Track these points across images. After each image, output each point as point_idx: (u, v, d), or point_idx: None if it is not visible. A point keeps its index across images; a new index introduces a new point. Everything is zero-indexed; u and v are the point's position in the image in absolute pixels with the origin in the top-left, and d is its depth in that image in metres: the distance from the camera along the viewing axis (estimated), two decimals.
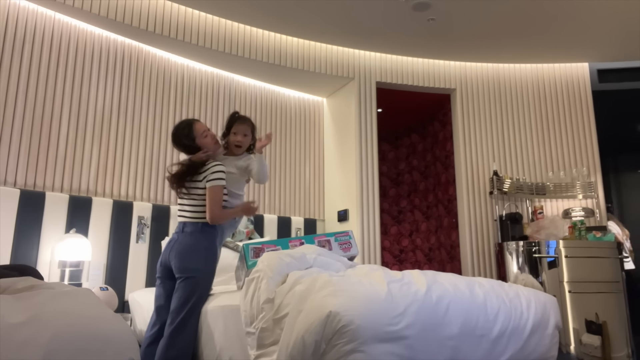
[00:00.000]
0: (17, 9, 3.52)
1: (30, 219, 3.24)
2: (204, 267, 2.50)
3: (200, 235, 2.53)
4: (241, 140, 2.70)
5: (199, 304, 2.46)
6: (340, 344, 1.65)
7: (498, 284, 2.22)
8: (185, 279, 2.46)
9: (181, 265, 2.47)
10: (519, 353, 2.05)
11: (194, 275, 2.46)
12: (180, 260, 2.48)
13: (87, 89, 3.76)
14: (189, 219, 2.56)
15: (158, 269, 2.61)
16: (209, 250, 2.55)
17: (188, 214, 2.57)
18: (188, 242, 2.51)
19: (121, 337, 1.53)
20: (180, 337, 2.39)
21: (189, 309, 2.42)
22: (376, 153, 4.61)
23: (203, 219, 2.54)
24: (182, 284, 2.47)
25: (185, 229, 2.55)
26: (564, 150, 4.86)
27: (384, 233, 5.95)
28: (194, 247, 2.50)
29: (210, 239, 2.56)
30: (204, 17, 4.13)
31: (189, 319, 2.42)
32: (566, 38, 4.44)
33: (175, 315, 2.42)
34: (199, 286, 2.47)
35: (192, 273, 2.46)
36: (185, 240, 2.52)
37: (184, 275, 2.46)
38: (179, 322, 2.40)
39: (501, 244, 4.31)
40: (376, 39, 4.48)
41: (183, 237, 2.53)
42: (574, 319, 3.80)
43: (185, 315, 2.41)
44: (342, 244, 2.81)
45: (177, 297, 2.45)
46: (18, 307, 1.47)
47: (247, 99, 4.64)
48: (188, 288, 2.45)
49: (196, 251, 2.50)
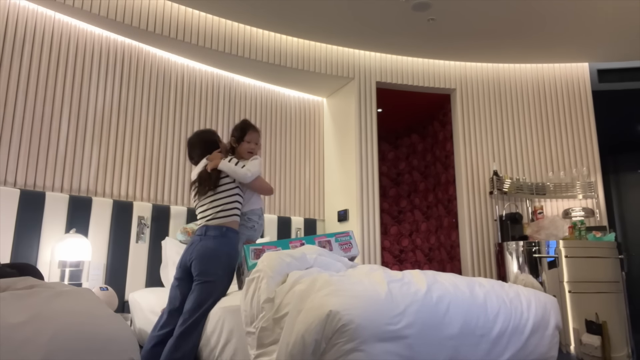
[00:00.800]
0: (17, 9, 3.52)
1: (30, 219, 3.24)
2: (223, 272, 2.52)
3: (223, 240, 2.54)
4: (254, 148, 2.89)
5: (211, 308, 2.46)
6: (340, 343, 1.64)
7: (498, 284, 2.22)
8: (204, 282, 2.46)
9: (201, 268, 2.48)
10: (519, 353, 2.05)
11: (212, 280, 2.46)
12: (200, 262, 2.49)
13: (87, 89, 3.76)
14: (213, 222, 2.58)
15: (177, 270, 2.61)
16: (230, 256, 2.57)
17: (211, 215, 2.59)
18: (210, 245, 2.52)
19: (121, 337, 1.53)
20: (189, 340, 2.38)
21: (202, 312, 2.42)
22: (376, 153, 4.62)
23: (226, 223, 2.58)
24: (199, 287, 2.47)
25: (208, 233, 2.56)
26: (564, 150, 4.86)
27: (384, 233, 5.95)
28: (216, 251, 2.51)
29: (231, 245, 2.58)
30: (204, 17, 4.13)
31: (199, 322, 2.42)
32: (566, 38, 4.44)
33: (188, 316, 2.41)
34: (215, 291, 2.47)
35: (211, 277, 2.47)
36: (207, 243, 2.53)
37: (203, 278, 2.47)
38: (190, 324, 2.39)
39: (501, 244, 4.31)
40: (376, 39, 4.48)
41: (206, 241, 2.54)
42: (574, 319, 3.80)
43: (197, 318, 2.41)
44: (342, 245, 2.81)
45: (193, 298, 2.45)
46: (18, 307, 1.47)
47: (247, 99, 4.64)
48: (205, 291, 2.45)
49: (218, 256, 2.51)
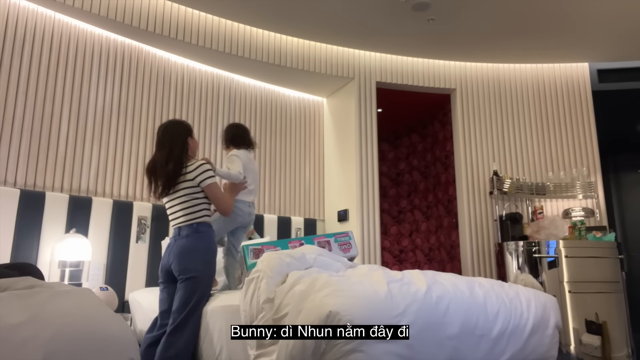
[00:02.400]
0: (17, 9, 3.52)
1: (30, 219, 3.24)
2: (203, 267, 2.52)
3: (197, 236, 2.53)
4: None
5: (199, 304, 2.48)
6: (340, 344, 1.65)
7: (498, 284, 2.22)
8: (186, 280, 2.48)
9: (181, 266, 2.49)
10: (519, 353, 2.05)
11: (193, 276, 2.47)
12: (179, 261, 2.50)
13: (87, 89, 3.76)
14: (183, 223, 2.56)
15: (160, 274, 2.63)
16: (208, 250, 2.56)
17: (181, 217, 2.57)
18: (185, 244, 2.52)
19: (121, 337, 1.53)
20: (180, 336, 2.40)
21: (190, 309, 2.44)
22: (376, 153, 4.61)
23: (197, 219, 2.55)
24: (182, 285, 2.49)
25: (181, 233, 2.55)
26: (564, 150, 4.86)
27: (384, 233, 5.95)
28: (192, 248, 2.51)
29: (207, 239, 2.57)
30: (204, 17, 4.13)
31: (189, 319, 2.44)
32: (566, 38, 4.44)
33: (177, 315, 2.44)
34: (199, 286, 2.48)
35: (192, 273, 2.48)
36: (182, 242, 2.53)
37: (184, 276, 2.48)
38: (179, 322, 2.42)
39: (501, 244, 4.31)
40: (376, 39, 4.48)
41: (180, 240, 2.54)
42: (574, 319, 3.80)
43: (186, 316, 2.43)
44: (341, 245, 2.81)
45: (178, 297, 2.48)
46: (18, 307, 1.47)
47: (247, 99, 4.64)
48: (188, 289, 2.47)
49: (195, 252, 2.51)
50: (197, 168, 2.56)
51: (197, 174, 2.55)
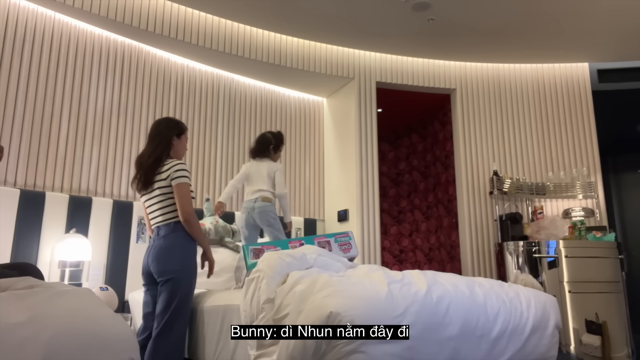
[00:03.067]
0: (17, 9, 3.52)
1: (30, 219, 3.24)
2: (182, 266, 2.47)
3: (173, 235, 2.49)
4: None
5: (182, 304, 2.44)
6: (341, 345, 1.64)
7: (498, 284, 2.22)
8: (166, 281, 2.44)
9: (159, 268, 2.45)
10: (519, 353, 2.05)
11: (173, 277, 2.43)
12: (157, 263, 2.46)
13: (87, 89, 3.76)
14: (162, 222, 2.53)
15: (142, 277, 2.59)
16: (185, 249, 2.51)
17: (159, 217, 2.54)
18: (163, 244, 2.48)
19: (121, 337, 1.53)
20: (167, 340, 2.36)
21: (173, 310, 2.40)
22: (376, 153, 4.61)
23: (174, 218, 2.51)
24: (163, 287, 2.45)
25: (160, 233, 2.52)
26: (564, 150, 4.86)
27: (384, 233, 5.95)
28: (169, 248, 2.47)
29: (184, 238, 2.51)
30: (204, 17, 4.13)
31: (174, 321, 2.39)
32: (566, 38, 4.44)
33: (160, 318, 2.40)
34: (180, 287, 2.44)
35: (171, 274, 2.43)
36: (159, 243, 2.50)
37: (163, 278, 2.44)
38: (163, 325, 2.38)
39: (501, 244, 4.31)
40: (376, 39, 4.48)
41: (159, 241, 2.51)
42: (574, 319, 3.80)
43: (170, 318, 2.39)
44: (341, 245, 2.81)
45: (160, 300, 2.44)
46: (17, 307, 1.46)
47: (247, 99, 4.64)
48: (169, 290, 2.42)
49: (172, 252, 2.47)
50: (171, 167, 2.52)
51: (170, 173, 2.50)
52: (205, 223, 3.66)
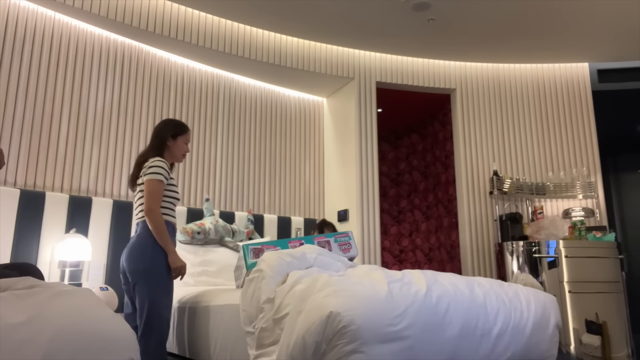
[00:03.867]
0: (17, 9, 3.52)
1: (30, 219, 3.24)
2: (152, 264, 2.40)
3: (145, 233, 2.44)
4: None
5: (157, 303, 2.37)
6: (341, 345, 1.64)
7: (498, 284, 2.22)
8: (136, 283, 2.39)
9: (130, 268, 2.41)
10: (519, 353, 2.05)
11: (143, 276, 2.38)
12: (129, 263, 2.42)
13: (87, 89, 3.76)
14: (140, 219, 2.50)
15: (121, 277, 2.55)
16: (156, 245, 2.43)
17: (139, 214, 2.52)
18: (134, 242, 2.45)
19: (121, 337, 1.53)
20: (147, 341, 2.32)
21: (148, 310, 2.34)
22: (376, 153, 4.61)
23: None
24: (136, 288, 2.40)
25: (136, 230, 2.50)
26: (564, 150, 4.86)
27: (384, 233, 5.95)
28: (140, 246, 2.43)
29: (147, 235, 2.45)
30: (204, 17, 4.13)
31: (153, 322, 2.34)
32: (566, 38, 4.44)
33: (139, 320, 2.36)
34: (149, 285, 2.37)
35: (141, 274, 2.38)
36: (132, 241, 2.47)
37: (135, 278, 2.40)
38: (143, 327, 2.34)
39: (501, 244, 4.31)
40: (376, 39, 4.48)
41: (132, 240, 2.48)
42: (574, 319, 3.80)
43: (147, 318, 2.34)
44: (341, 245, 2.81)
45: (137, 302, 2.40)
46: (17, 307, 1.46)
47: (247, 99, 4.64)
48: (142, 291, 2.37)
49: (143, 250, 2.42)
50: (150, 164, 2.49)
51: (146, 169, 2.48)
52: (205, 223, 3.66)
